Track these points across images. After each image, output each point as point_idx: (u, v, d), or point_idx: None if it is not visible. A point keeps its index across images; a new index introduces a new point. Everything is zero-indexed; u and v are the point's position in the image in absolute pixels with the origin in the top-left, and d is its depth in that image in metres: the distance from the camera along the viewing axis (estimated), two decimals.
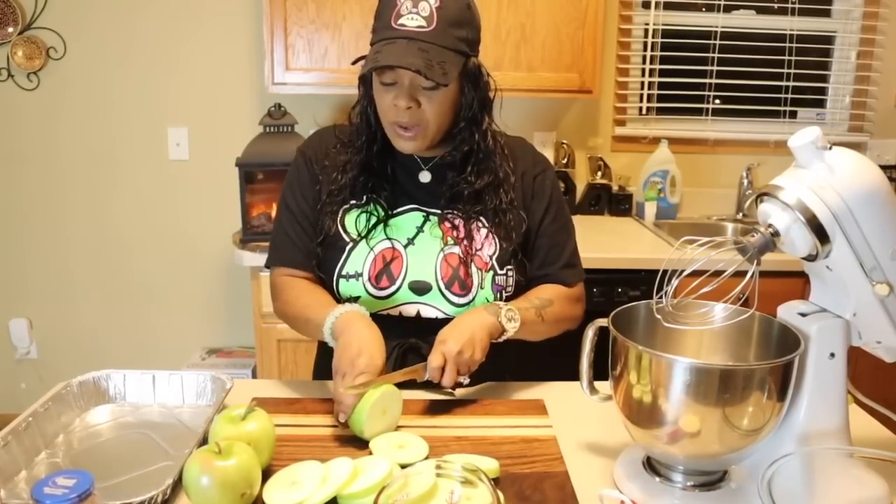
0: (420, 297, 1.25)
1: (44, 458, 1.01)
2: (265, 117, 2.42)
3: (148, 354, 2.93)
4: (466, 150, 1.25)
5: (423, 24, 1.14)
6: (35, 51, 2.65)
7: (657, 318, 0.94)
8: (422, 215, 1.28)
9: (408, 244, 1.26)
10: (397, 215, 1.28)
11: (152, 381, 1.19)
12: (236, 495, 0.86)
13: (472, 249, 1.25)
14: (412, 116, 1.19)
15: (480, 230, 1.27)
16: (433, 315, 1.25)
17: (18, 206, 2.82)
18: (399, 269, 1.24)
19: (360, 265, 1.24)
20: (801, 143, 0.87)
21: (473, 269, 1.24)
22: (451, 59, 1.15)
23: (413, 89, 1.17)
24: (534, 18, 2.43)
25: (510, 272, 1.27)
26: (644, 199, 2.80)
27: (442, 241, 1.26)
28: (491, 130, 1.27)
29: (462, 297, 1.24)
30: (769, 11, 2.87)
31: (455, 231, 1.26)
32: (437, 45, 1.14)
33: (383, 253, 1.25)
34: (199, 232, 2.86)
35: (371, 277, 1.24)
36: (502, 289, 1.26)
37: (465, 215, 1.26)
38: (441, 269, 1.24)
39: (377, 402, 1.04)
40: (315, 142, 1.36)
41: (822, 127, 3.17)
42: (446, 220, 1.27)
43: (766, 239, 0.89)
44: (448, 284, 1.24)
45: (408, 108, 1.17)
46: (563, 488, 0.94)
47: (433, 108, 1.19)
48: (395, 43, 1.13)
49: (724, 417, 0.86)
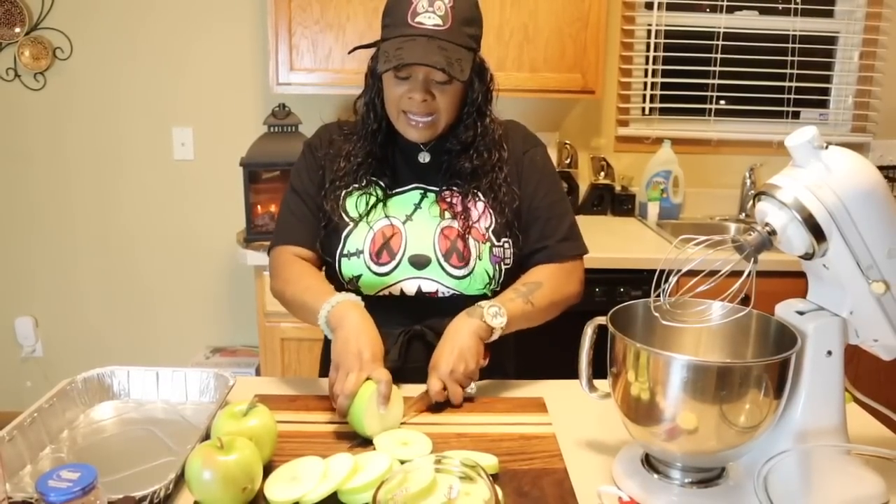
0: (420, 272, 1.27)
1: (48, 453, 1.02)
2: (269, 117, 2.43)
3: (153, 353, 2.94)
4: (469, 139, 1.29)
5: (439, 23, 1.18)
6: (42, 51, 2.67)
7: (655, 317, 0.95)
8: (419, 193, 1.32)
9: (406, 220, 1.29)
10: (396, 195, 1.32)
11: (156, 377, 1.20)
12: (238, 490, 0.87)
13: (469, 222, 1.28)
14: (425, 108, 1.24)
15: (477, 204, 1.30)
16: (434, 289, 1.28)
17: (24, 205, 2.84)
18: (398, 245, 1.27)
19: (361, 243, 1.28)
20: (798, 142, 0.88)
21: (471, 241, 1.27)
22: (465, 56, 1.20)
23: (427, 83, 1.22)
24: (537, 19, 2.44)
25: (507, 244, 1.30)
26: (647, 200, 2.81)
27: (440, 215, 1.29)
28: (492, 119, 1.33)
29: (461, 269, 1.26)
30: (772, 12, 2.87)
31: (452, 206, 1.29)
32: (453, 42, 1.19)
33: (383, 230, 1.28)
34: (203, 231, 2.87)
35: (372, 254, 1.27)
36: (500, 260, 1.29)
37: (463, 191, 1.29)
38: (439, 242, 1.27)
39: (372, 398, 1.05)
40: (320, 134, 1.41)
41: (825, 128, 3.17)
42: (444, 196, 1.30)
43: (763, 237, 0.90)
44: (447, 256, 1.26)
45: (423, 100, 1.22)
46: (561, 485, 0.95)
47: (446, 100, 1.24)
48: (416, 41, 1.18)
49: (722, 415, 0.86)
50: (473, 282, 1.27)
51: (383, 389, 1.06)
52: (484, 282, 1.28)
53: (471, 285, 1.28)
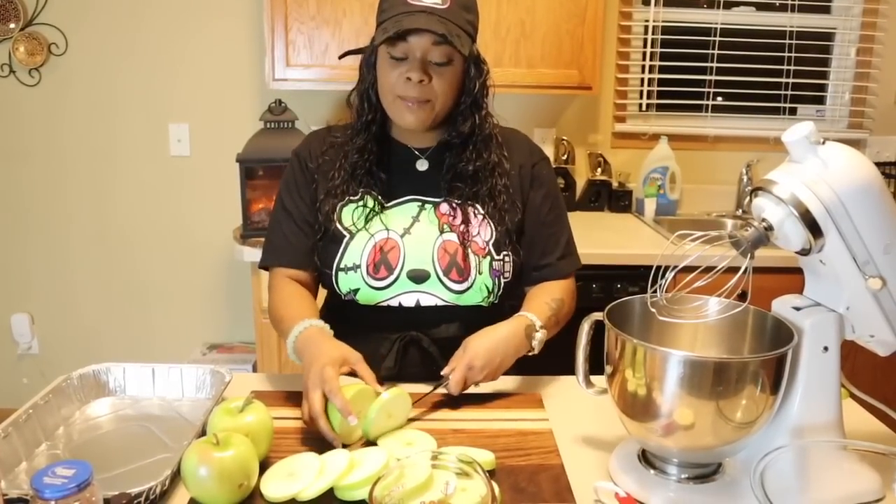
0: (419, 286, 1.26)
1: (44, 449, 1.02)
2: (266, 113, 2.43)
3: (149, 350, 2.94)
4: (467, 132, 1.27)
5: (437, 2, 1.18)
6: (37, 47, 2.66)
7: (652, 312, 0.95)
8: (417, 205, 1.29)
9: (404, 234, 1.27)
10: (393, 207, 1.29)
11: (152, 374, 1.19)
12: (234, 486, 0.87)
13: (469, 235, 1.26)
14: (421, 91, 1.21)
15: (476, 216, 1.28)
16: (433, 303, 1.26)
17: (20, 201, 2.83)
18: (396, 259, 1.25)
19: (358, 257, 1.25)
20: (794, 138, 0.88)
21: (471, 254, 1.25)
22: (464, 36, 1.19)
23: (425, 64, 1.20)
24: (534, 15, 2.43)
25: (507, 257, 1.28)
26: (644, 196, 2.80)
27: (438, 228, 1.27)
28: (488, 114, 1.31)
29: (460, 284, 1.25)
30: (769, 8, 2.86)
31: (451, 218, 1.27)
32: (453, 21, 1.18)
33: (380, 244, 1.25)
34: (199, 227, 2.86)
35: (369, 268, 1.25)
36: (500, 273, 1.27)
37: (461, 202, 1.27)
38: (439, 256, 1.25)
39: (384, 406, 1.04)
40: (308, 142, 1.37)
41: (822, 124, 3.17)
42: (442, 208, 1.28)
43: (760, 233, 0.90)
44: (446, 271, 1.25)
45: (420, 81, 1.19)
46: (558, 481, 0.95)
47: (442, 83, 1.21)
48: (415, 15, 1.16)
49: (718, 410, 0.86)
50: (472, 295, 1.26)
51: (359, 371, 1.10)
52: (482, 295, 1.27)
53: (469, 298, 1.27)
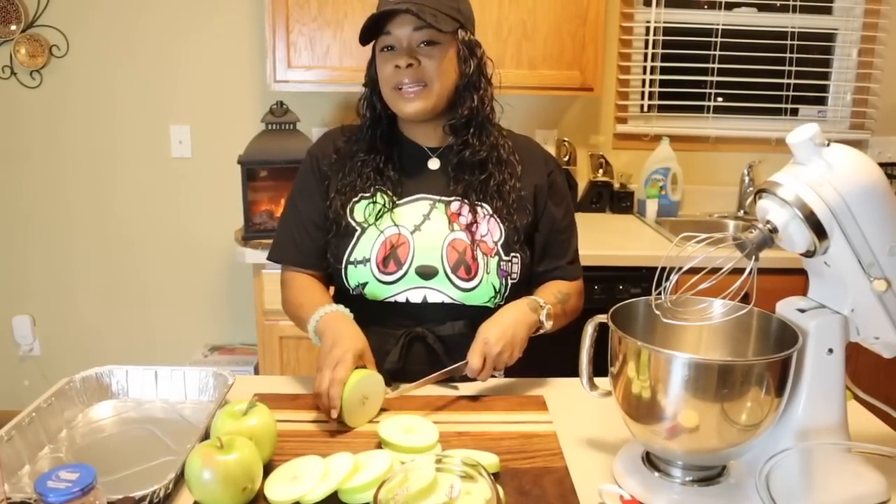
0: (426, 282, 1.27)
1: (47, 452, 1.02)
2: (267, 115, 2.42)
3: (151, 352, 2.94)
4: (467, 114, 1.28)
5: None
6: (38, 49, 2.66)
7: (656, 315, 0.95)
8: (428, 203, 1.31)
9: (414, 230, 1.28)
10: (404, 204, 1.31)
11: (154, 377, 1.19)
12: (238, 489, 0.86)
13: (478, 235, 1.27)
14: (413, 74, 1.23)
15: (485, 216, 1.29)
16: (439, 300, 1.27)
17: (21, 203, 2.83)
18: (406, 254, 1.27)
19: (368, 251, 1.27)
20: (799, 139, 0.88)
21: (479, 254, 1.26)
22: (445, 17, 1.21)
23: (412, 50, 1.23)
24: (535, 16, 2.43)
25: (515, 259, 1.29)
26: (645, 197, 2.80)
27: (448, 227, 1.28)
28: (489, 99, 1.32)
29: (468, 282, 1.26)
30: (770, 9, 2.86)
31: (461, 217, 1.29)
32: (431, 7, 1.20)
33: (390, 239, 1.27)
34: (201, 229, 2.86)
35: (378, 262, 1.26)
36: (507, 275, 1.28)
37: (471, 202, 1.29)
38: (447, 253, 1.26)
39: (355, 388, 1.07)
40: (322, 142, 1.40)
41: (824, 124, 3.18)
42: (453, 207, 1.29)
43: (765, 235, 0.90)
44: (454, 269, 1.26)
45: (408, 65, 1.22)
46: (562, 483, 0.95)
47: (433, 64, 1.24)
48: (390, 4, 1.21)
49: (723, 413, 0.86)
50: (479, 294, 1.27)
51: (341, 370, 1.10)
52: (489, 295, 1.27)
53: (476, 297, 1.27)
